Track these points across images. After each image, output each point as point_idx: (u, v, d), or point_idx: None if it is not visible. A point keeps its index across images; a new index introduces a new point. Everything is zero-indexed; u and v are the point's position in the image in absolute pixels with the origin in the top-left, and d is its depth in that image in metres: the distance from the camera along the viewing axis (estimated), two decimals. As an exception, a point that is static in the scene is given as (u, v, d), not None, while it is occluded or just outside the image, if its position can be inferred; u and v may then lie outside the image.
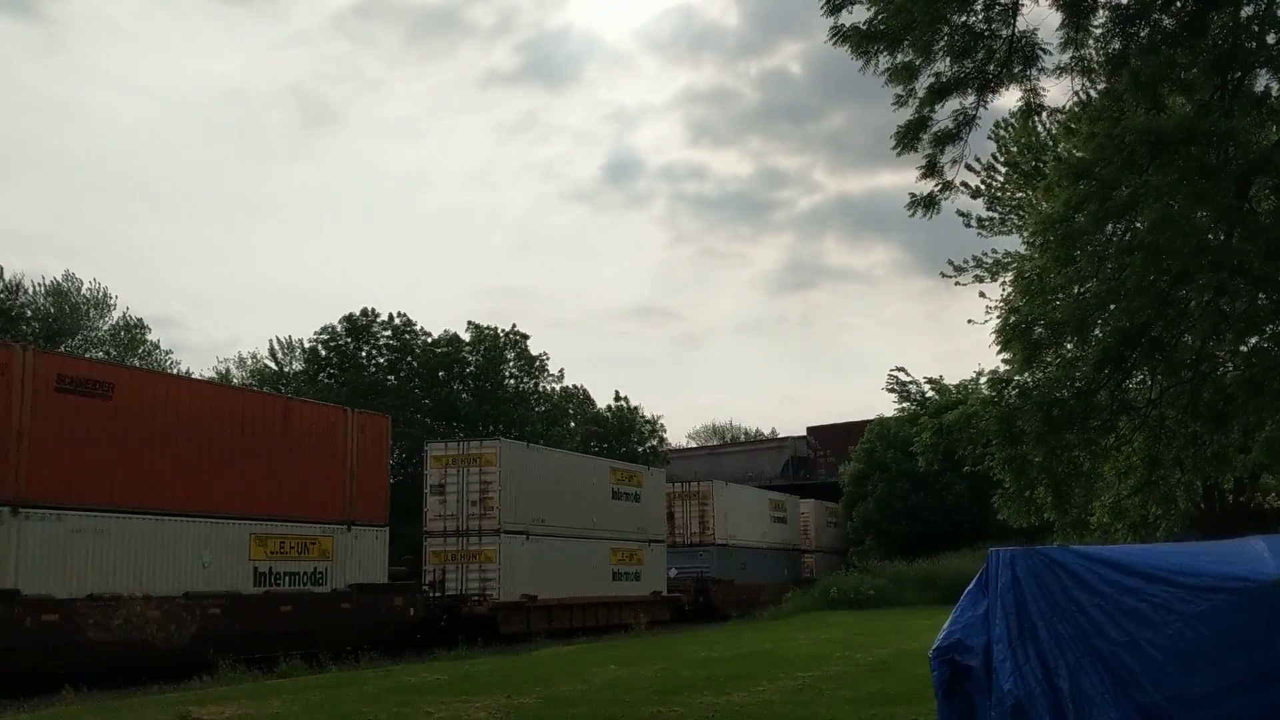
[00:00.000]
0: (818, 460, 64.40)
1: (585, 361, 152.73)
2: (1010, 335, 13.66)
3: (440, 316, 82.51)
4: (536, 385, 56.86)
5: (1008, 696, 6.63)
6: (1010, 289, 26.77)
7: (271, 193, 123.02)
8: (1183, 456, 15.58)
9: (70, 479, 18.56)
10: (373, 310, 52.48)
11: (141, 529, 19.72)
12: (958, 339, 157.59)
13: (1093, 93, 14.82)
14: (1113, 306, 13.06)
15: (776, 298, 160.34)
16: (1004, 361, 15.04)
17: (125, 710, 13.70)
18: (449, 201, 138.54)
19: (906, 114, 14.03)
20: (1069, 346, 14.34)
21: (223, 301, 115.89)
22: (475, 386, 52.68)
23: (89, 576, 18.66)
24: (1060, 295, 13.63)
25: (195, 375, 47.19)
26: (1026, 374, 14.65)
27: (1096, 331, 13.59)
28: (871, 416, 58.68)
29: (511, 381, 54.76)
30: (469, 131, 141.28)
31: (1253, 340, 13.58)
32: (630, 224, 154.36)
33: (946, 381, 56.16)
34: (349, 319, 51.86)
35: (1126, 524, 17.02)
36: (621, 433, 66.44)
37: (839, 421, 65.28)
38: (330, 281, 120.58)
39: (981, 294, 30.64)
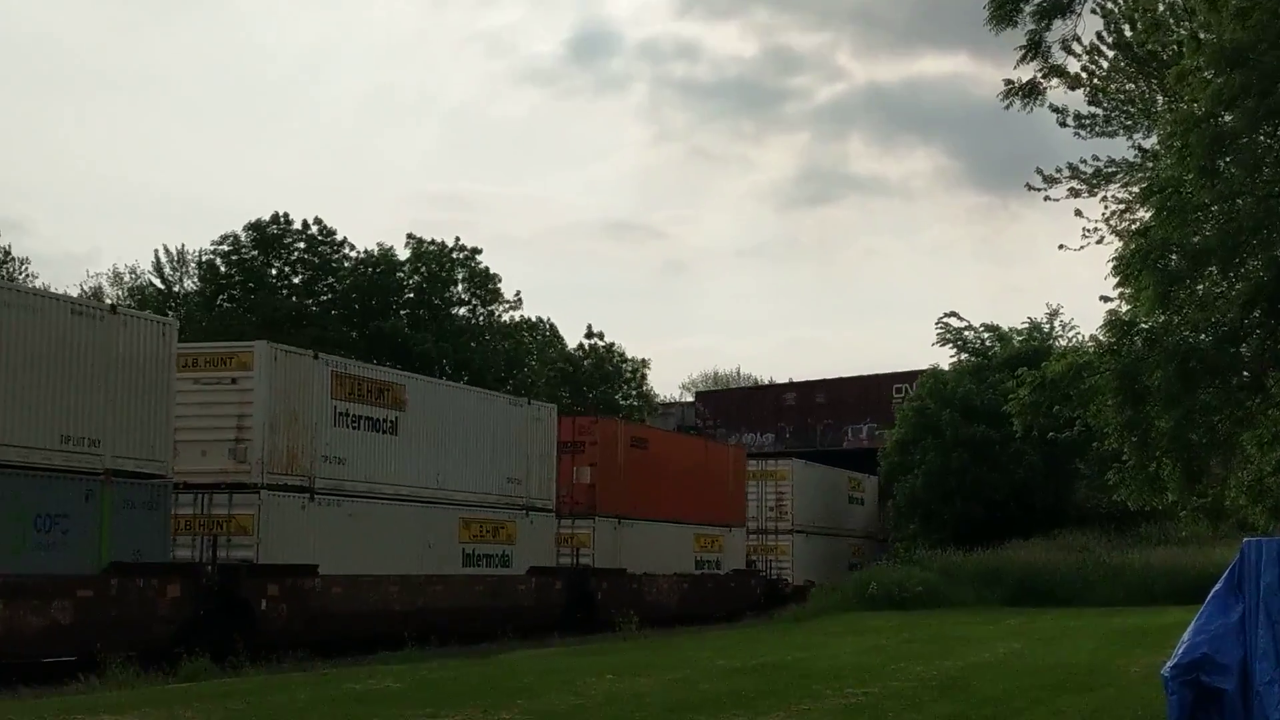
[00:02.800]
0: (706, 429, 67.50)
1: (544, 289, 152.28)
2: (1138, 265, 13.67)
3: (359, 230, 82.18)
4: (491, 315, 56.90)
5: (1276, 730, 6.43)
6: (1117, 208, 26.82)
7: (137, 69, 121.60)
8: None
9: (636, 500, 36.66)
10: (285, 216, 52.22)
11: (658, 530, 38.05)
12: (1017, 270, 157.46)
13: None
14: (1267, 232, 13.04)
15: (787, 214, 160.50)
16: (1126, 299, 15.04)
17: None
18: (366, 83, 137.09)
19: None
20: (1205, 283, 14.31)
21: (81, 205, 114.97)
22: (415, 316, 52.68)
23: (638, 560, 36.55)
24: (1203, 215, 13.60)
25: (54, 291, 47.02)
26: (1150, 319, 14.64)
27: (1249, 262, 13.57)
28: (885, 370, 64.01)
29: (462, 310, 54.81)
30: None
31: None
32: (602, 116, 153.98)
33: (1006, 328, 56.42)
34: (256, 226, 51.65)
35: (1266, 507, 17.17)
36: (598, 379, 66.65)
37: (732, 387, 67.96)
38: (216, 183, 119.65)
39: (1078, 212, 30.49)
